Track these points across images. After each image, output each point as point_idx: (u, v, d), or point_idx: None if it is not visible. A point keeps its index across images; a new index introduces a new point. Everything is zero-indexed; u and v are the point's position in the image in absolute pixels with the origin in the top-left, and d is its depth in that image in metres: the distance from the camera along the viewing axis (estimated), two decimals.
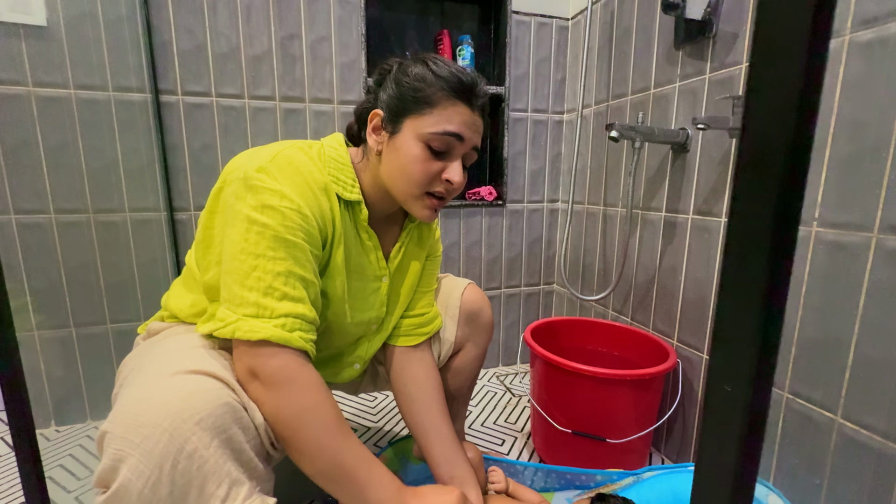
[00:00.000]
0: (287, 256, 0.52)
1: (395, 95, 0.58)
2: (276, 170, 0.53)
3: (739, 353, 0.17)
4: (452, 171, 0.59)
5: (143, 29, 1.03)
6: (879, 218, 0.63)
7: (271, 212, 0.51)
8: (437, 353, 0.80)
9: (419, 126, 0.56)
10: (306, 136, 1.20)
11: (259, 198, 0.51)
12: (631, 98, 1.12)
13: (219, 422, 0.45)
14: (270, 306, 0.51)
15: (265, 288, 0.51)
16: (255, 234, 0.51)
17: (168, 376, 0.47)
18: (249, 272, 0.51)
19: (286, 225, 0.52)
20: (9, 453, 1.02)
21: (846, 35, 0.65)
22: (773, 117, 0.16)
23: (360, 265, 0.65)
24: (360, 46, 1.20)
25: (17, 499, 0.88)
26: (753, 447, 0.18)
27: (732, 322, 0.17)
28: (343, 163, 0.61)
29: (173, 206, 1.13)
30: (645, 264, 1.10)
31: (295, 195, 0.53)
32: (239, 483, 0.46)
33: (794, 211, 0.15)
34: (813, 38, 0.15)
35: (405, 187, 0.59)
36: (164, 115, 1.08)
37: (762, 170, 0.16)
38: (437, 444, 0.69)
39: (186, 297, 0.63)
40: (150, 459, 0.41)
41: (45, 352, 1.07)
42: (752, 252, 0.16)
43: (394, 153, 0.58)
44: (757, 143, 0.16)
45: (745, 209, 0.17)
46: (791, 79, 0.15)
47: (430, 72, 0.57)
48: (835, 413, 0.69)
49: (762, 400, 0.17)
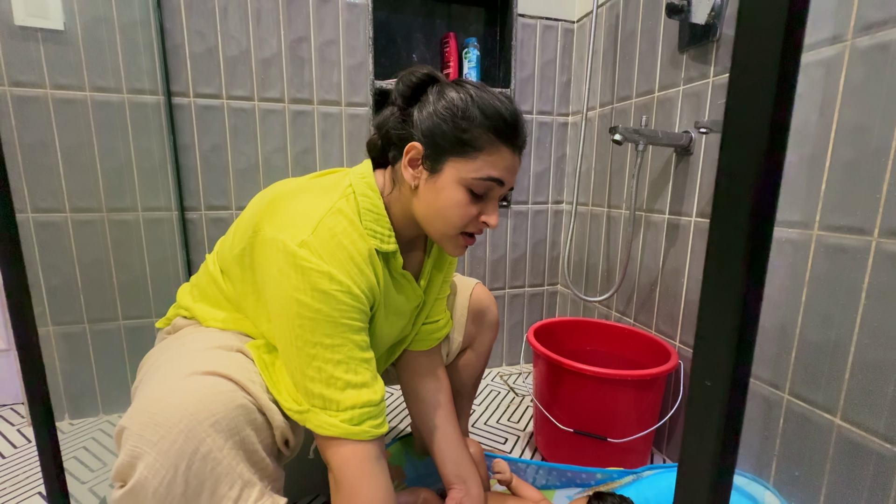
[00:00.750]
0: (345, 342, 0.51)
1: (437, 132, 0.54)
2: (320, 245, 0.51)
3: (718, 351, 0.19)
4: (490, 216, 0.58)
5: (157, 32, 1.06)
6: (880, 222, 0.63)
7: (323, 296, 0.50)
8: (445, 351, 0.82)
9: (462, 170, 0.54)
10: (314, 138, 1.22)
11: (308, 280, 0.49)
12: (635, 101, 1.13)
13: (233, 424, 0.47)
14: (335, 399, 0.51)
15: (327, 378, 0.51)
16: (308, 321, 0.50)
17: (184, 376, 0.48)
18: (309, 362, 0.51)
19: (340, 309, 0.50)
20: (24, 444, 1.05)
21: (847, 41, 0.66)
22: (748, 130, 0.17)
23: (398, 305, 0.65)
24: (367, 49, 1.21)
25: (33, 489, 0.90)
26: (731, 437, 0.19)
27: (712, 323, 0.19)
28: (378, 213, 0.57)
29: (184, 206, 1.15)
30: (648, 266, 1.11)
31: (343, 276, 0.51)
32: (251, 485, 0.48)
33: (767, 225, 0.17)
34: (783, 60, 0.16)
35: (442, 228, 0.58)
36: (176, 117, 1.11)
37: (738, 183, 0.17)
38: (444, 445, 0.71)
39: (211, 311, 0.63)
40: (166, 459, 0.43)
41: (60, 347, 1.10)
42: (730, 260, 0.18)
43: (433, 194, 0.56)
44: (734, 157, 0.17)
45: (723, 219, 0.18)
46: (763, 97, 0.16)
47: (476, 108, 0.54)
48: (834, 415, 0.70)
49: (739, 394, 0.19)
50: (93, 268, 1.10)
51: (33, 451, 1.02)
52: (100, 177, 1.07)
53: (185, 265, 1.18)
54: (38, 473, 0.94)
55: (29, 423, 1.14)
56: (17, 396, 1.24)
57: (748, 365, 0.18)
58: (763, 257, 0.18)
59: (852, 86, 0.66)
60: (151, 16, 1.05)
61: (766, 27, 0.16)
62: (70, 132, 1.03)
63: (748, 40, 0.17)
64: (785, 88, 0.16)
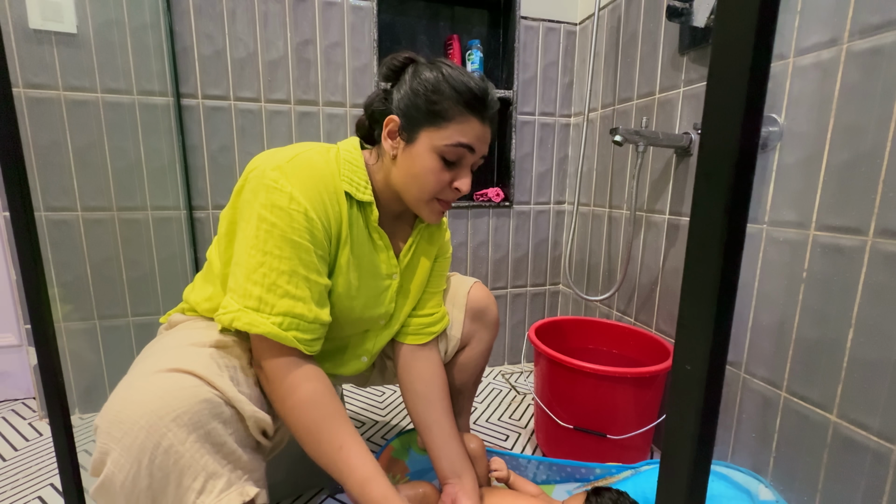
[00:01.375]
0: (292, 256, 0.56)
1: (412, 105, 0.60)
2: (292, 170, 0.57)
3: (697, 337, 0.20)
4: (462, 182, 0.63)
5: (167, 35, 1.08)
6: (875, 222, 0.65)
7: (279, 212, 0.55)
8: (443, 349, 0.83)
9: (434, 138, 0.60)
10: (319, 139, 1.24)
11: (270, 197, 0.55)
12: (636, 102, 1.14)
13: (196, 418, 0.48)
14: (271, 302, 0.55)
15: (269, 284, 0.55)
16: (264, 232, 0.55)
17: (150, 375, 0.50)
18: (256, 267, 0.55)
19: (293, 226, 0.56)
20: (35, 438, 1.08)
21: (843, 44, 0.67)
22: (723, 135, 0.19)
23: (372, 263, 0.68)
24: (372, 51, 1.23)
25: (45, 480, 0.93)
26: (710, 416, 0.21)
27: (691, 312, 0.20)
28: (357, 165, 0.64)
29: (192, 205, 1.18)
30: (649, 265, 1.12)
31: (303, 198, 0.56)
32: (216, 476, 0.49)
33: (740, 223, 0.18)
34: (752, 73, 0.18)
35: (417, 193, 0.63)
36: (185, 118, 1.13)
37: (715, 182, 0.19)
38: (439, 440, 0.72)
39: (204, 289, 0.66)
40: (129, 454, 0.45)
41: (71, 342, 1.13)
42: (707, 256, 0.19)
43: (409, 161, 0.62)
44: (710, 160, 0.19)
45: (701, 218, 0.20)
46: (735, 105, 0.18)
47: (445, 83, 0.59)
48: (831, 412, 0.71)
49: (716, 377, 0.20)
50: (103, 265, 1.12)
51: (44, 444, 1.05)
52: (110, 176, 1.10)
53: (193, 263, 1.20)
54: (50, 466, 0.97)
55: (40, 418, 1.16)
56: (29, 391, 1.27)
57: (724, 350, 0.20)
58: (736, 253, 0.19)
59: (848, 88, 0.67)
60: (161, 19, 1.07)
61: (737, 42, 0.18)
62: (82, 133, 1.06)
63: (722, 52, 0.19)
64: (755, 96, 0.18)
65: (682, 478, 0.21)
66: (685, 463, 0.21)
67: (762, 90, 0.17)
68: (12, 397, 1.26)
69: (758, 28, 0.17)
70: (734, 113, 0.18)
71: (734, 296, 0.20)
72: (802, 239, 0.74)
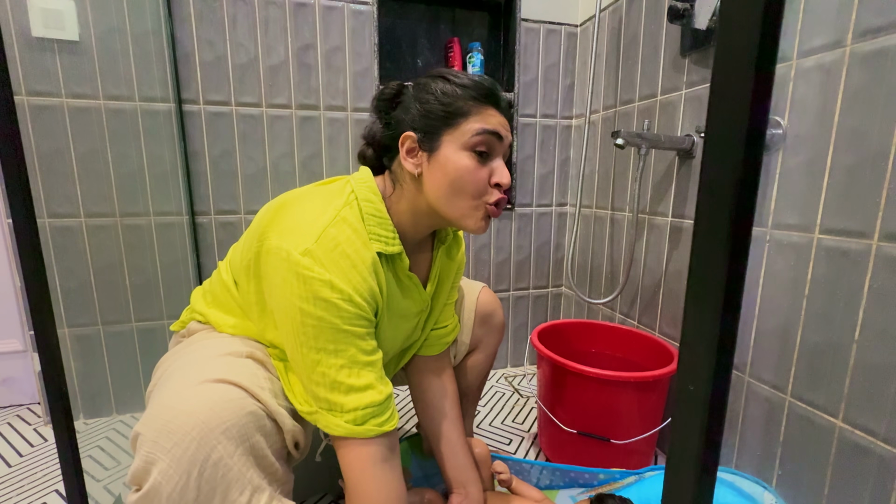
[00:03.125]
0: (347, 347, 0.53)
1: (425, 115, 0.57)
2: (323, 254, 0.52)
3: (701, 357, 0.20)
4: (501, 174, 0.58)
5: (168, 42, 1.08)
6: (880, 225, 0.64)
7: (325, 304, 0.51)
8: (452, 353, 0.83)
9: (459, 136, 0.56)
10: (321, 143, 1.24)
11: (310, 289, 0.50)
12: (638, 104, 1.14)
13: (243, 431, 0.48)
14: (339, 402, 0.53)
15: (330, 383, 0.52)
16: (311, 328, 0.51)
17: (196, 384, 0.50)
18: (314, 367, 0.52)
19: (342, 317, 0.52)
20: (41, 443, 1.08)
21: (847, 46, 0.67)
22: (727, 145, 0.18)
23: (403, 308, 0.65)
24: (372, 55, 1.23)
25: (50, 486, 0.93)
26: (714, 437, 0.20)
27: (694, 330, 0.20)
28: (381, 216, 0.58)
29: (195, 211, 1.18)
30: (651, 268, 1.11)
31: (345, 284, 0.52)
32: (260, 490, 0.49)
33: (744, 242, 0.18)
34: (757, 79, 0.17)
35: (460, 202, 0.57)
36: (187, 124, 1.13)
37: (718, 197, 0.19)
38: (447, 449, 0.73)
39: (226, 316, 0.64)
40: (179, 465, 0.45)
41: (75, 348, 1.13)
42: (711, 273, 0.19)
43: (439, 171, 0.57)
44: (714, 172, 0.19)
45: (705, 234, 0.19)
46: (739, 114, 0.18)
47: (452, 85, 0.57)
48: (836, 417, 0.70)
49: (720, 397, 0.20)
50: (106, 271, 1.13)
51: (49, 449, 1.05)
52: (113, 183, 1.10)
53: (196, 268, 1.20)
54: (55, 471, 0.97)
55: (45, 423, 1.17)
56: (34, 396, 1.27)
57: (728, 370, 0.20)
58: (741, 271, 0.19)
59: (852, 90, 0.66)
60: (163, 26, 1.07)
61: (741, 46, 0.18)
62: (85, 139, 1.06)
63: (725, 56, 0.18)
64: (759, 104, 0.18)
65: (687, 500, 0.21)
66: (689, 484, 0.21)
67: (766, 98, 0.17)
68: (18, 403, 1.27)
69: (762, 33, 0.17)
70: (738, 129, 0.18)
71: (738, 314, 0.19)
72: (807, 242, 0.74)
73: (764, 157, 0.79)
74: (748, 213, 0.18)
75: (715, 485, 0.21)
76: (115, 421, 1.17)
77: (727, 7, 0.18)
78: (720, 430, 0.20)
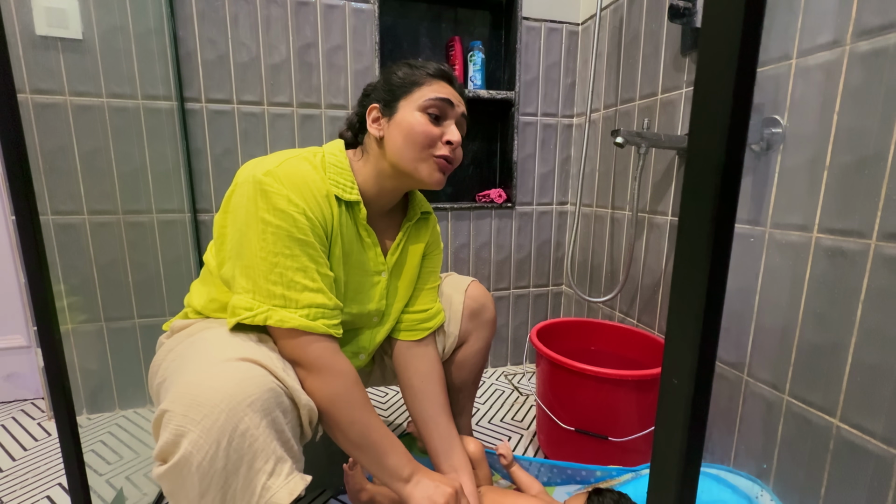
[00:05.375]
0: (302, 253, 0.59)
1: (386, 88, 0.67)
2: (283, 174, 0.60)
3: (684, 352, 0.20)
4: (451, 132, 0.66)
5: (171, 41, 1.09)
6: (878, 225, 0.64)
7: (281, 214, 0.58)
8: (441, 346, 0.84)
9: (413, 100, 0.65)
10: (322, 141, 1.25)
11: (270, 202, 0.58)
12: (638, 103, 1.14)
13: (266, 405, 0.51)
14: (294, 297, 0.59)
15: (287, 282, 0.59)
16: (271, 235, 0.58)
17: (220, 363, 0.52)
18: (272, 268, 0.58)
19: (297, 226, 0.59)
20: (44, 438, 1.09)
21: (846, 46, 0.66)
22: (708, 148, 0.19)
23: (361, 261, 0.70)
24: (373, 54, 1.24)
25: (54, 479, 0.94)
26: (697, 429, 0.21)
27: (679, 326, 0.21)
28: (342, 167, 0.67)
29: (196, 208, 1.19)
30: (651, 267, 1.11)
31: (299, 200, 0.60)
32: (283, 460, 0.52)
33: (725, 246, 0.19)
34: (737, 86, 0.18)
35: (412, 153, 0.65)
36: (189, 122, 1.14)
37: (700, 198, 0.19)
38: (436, 435, 0.74)
39: (204, 292, 0.68)
40: (209, 435, 0.47)
41: (78, 344, 1.14)
42: (693, 273, 0.20)
43: (396, 129, 0.65)
44: (696, 178, 0.19)
45: (688, 235, 0.20)
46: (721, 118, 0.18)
47: (412, 66, 0.67)
48: (833, 416, 0.71)
49: (703, 391, 0.20)
50: (109, 268, 1.14)
51: (53, 444, 1.07)
52: (116, 180, 1.11)
53: (198, 265, 1.21)
54: (58, 466, 0.98)
55: (49, 418, 1.18)
56: (38, 391, 1.29)
57: (711, 365, 0.20)
58: (722, 269, 0.19)
59: (851, 90, 0.66)
60: (165, 24, 1.08)
61: (723, 50, 0.18)
62: (88, 137, 1.07)
63: (708, 61, 0.19)
64: (740, 107, 0.18)
65: (671, 491, 0.21)
66: (673, 476, 0.21)
67: (748, 102, 0.18)
68: (22, 398, 1.28)
69: (742, 38, 0.17)
70: (720, 131, 0.18)
71: (720, 311, 0.20)
72: (805, 242, 0.74)
73: (763, 157, 0.79)
74: (730, 211, 0.19)
75: (699, 474, 0.22)
76: (118, 416, 1.18)
77: (710, 10, 0.18)
78: (703, 421, 0.21)
